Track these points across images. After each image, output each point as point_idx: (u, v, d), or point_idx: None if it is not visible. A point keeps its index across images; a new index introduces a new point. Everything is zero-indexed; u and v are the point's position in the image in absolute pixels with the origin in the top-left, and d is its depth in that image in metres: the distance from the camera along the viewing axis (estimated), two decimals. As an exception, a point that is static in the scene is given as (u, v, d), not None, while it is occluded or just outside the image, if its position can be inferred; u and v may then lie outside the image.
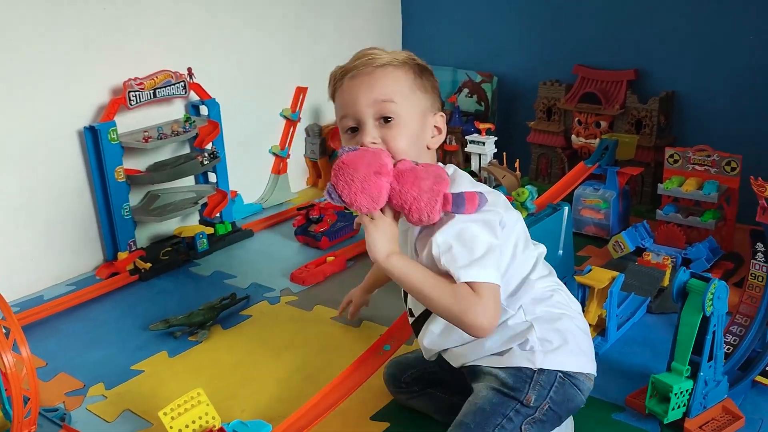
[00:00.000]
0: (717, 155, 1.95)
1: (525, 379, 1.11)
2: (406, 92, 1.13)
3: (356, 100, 1.12)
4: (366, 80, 1.12)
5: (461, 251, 1.03)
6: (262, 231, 2.36)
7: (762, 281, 1.49)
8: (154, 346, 1.66)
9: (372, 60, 1.13)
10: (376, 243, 1.07)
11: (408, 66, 1.15)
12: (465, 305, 1.01)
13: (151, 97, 2.04)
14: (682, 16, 2.28)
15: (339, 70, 1.17)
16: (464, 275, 1.02)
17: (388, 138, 1.11)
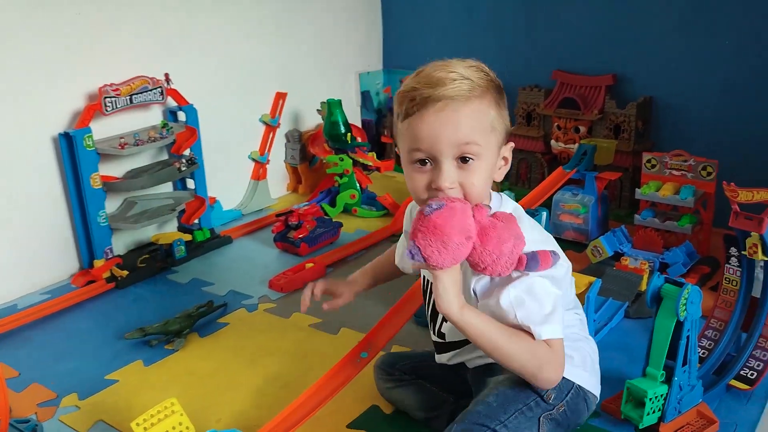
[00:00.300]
0: (693, 160, 1.97)
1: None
2: (488, 129, 1.06)
3: (438, 140, 1.03)
4: (452, 118, 1.02)
5: (534, 307, 1.04)
6: (241, 238, 2.35)
7: (736, 286, 1.49)
8: (130, 355, 1.64)
9: (457, 89, 1.03)
10: (449, 296, 1.01)
11: (491, 92, 1.07)
12: (542, 362, 1.05)
13: (128, 103, 2.02)
14: (659, 22, 2.30)
15: (416, 94, 1.04)
16: (542, 333, 1.03)
17: (465, 181, 1.05)
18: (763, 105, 2.15)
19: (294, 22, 2.67)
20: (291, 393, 1.44)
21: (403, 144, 1.08)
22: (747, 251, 1.43)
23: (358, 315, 1.78)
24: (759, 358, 1.43)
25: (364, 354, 1.46)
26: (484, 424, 1.07)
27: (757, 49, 2.12)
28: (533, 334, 1.04)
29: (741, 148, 2.18)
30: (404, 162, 1.09)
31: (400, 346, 1.63)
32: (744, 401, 1.39)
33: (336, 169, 2.52)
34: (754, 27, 2.12)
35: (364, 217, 2.52)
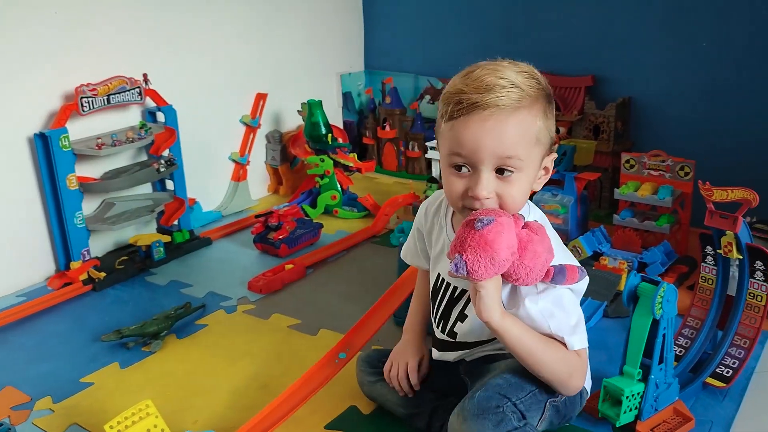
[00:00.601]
0: (671, 160, 1.98)
1: None
2: (533, 141, 1.04)
3: (479, 147, 1.01)
4: (496, 128, 1.01)
5: (563, 318, 1.08)
6: (221, 239, 2.33)
7: (712, 284, 1.51)
8: (106, 357, 1.62)
9: (506, 98, 1.00)
10: (492, 303, 1.03)
11: (540, 102, 1.05)
12: (572, 370, 1.11)
13: (105, 103, 2.00)
14: (638, 24, 2.31)
15: (464, 98, 1.02)
16: (574, 343, 1.08)
17: (504, 192, 1.04)
18: (739, 106, 2.17)
19: (275, 23, 2.66)
20: (269, 394, 1.44)
21: (443, 145, 1.08)
22: (722, 250, 1.44)
23: (337, 316, 1.77)
24: (734, 356, 1.44)
25: (342, 355, 1.46)
26: (506, 395, 1.08)
27: (734, 51, 2.15)
28: (566, 344, 1.08)
29: (718, 149, 2.20)
30: (443, 163, 1.09)
31: (379, 346, 1.62)
32: (720, 399, 1.39)
33: (317, 170, 2.51)
34: (730, 29, 2.14)
35: (345, 218, 2.51)
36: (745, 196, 1.37)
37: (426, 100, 2.92)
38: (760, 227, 1.82)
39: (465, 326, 1.21)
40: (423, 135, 2.81)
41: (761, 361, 1.52)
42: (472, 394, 1.10)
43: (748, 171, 2.10)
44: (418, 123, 2.83)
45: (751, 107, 2.15)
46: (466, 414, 1.06)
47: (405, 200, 2.43)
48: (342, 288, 1.96)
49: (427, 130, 2.82)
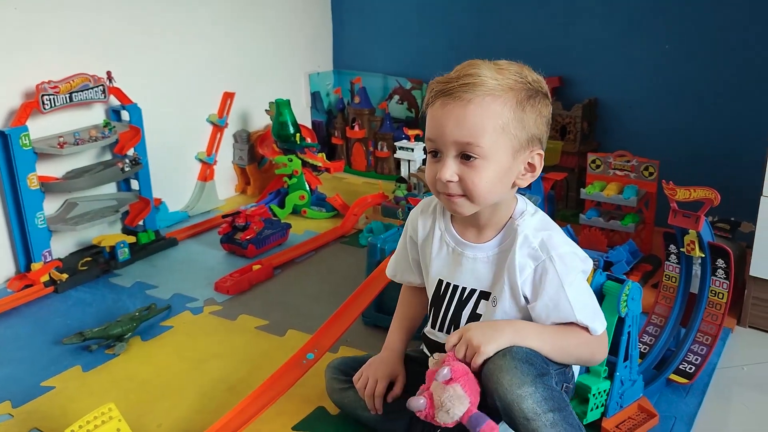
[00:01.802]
0: (636, 160, 2.01)
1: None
2: (499, 130, 1.04)
3: (442, 132, 1.06)
4: (457, 113, 1.04)
5: (586, 306, 1.11)
6: (187, 240, 2.30)
7: (675, 282, 1.53)
8: (68, 360, 1.58)
9: (470, 85, 1.03)
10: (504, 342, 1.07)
11: (512, 94, 1.06)
12: (593, 350, 1.14)
13: (67, 101, 1.96)
14: (604, 25, 2.35)
15: (436, 86, 1.07)
16: (597, 328, 1.11)
17: (466, 178, 1.06)
18: (701, 107, 2.21)
19: (243, 21, 2.64)
20: (236, 396, 1.42)
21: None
22: (685, 248, 1.46)
23: (305, 317, 1.76)
24: (697, 353, 1.46)
25: (310, 355, 1.44)
26: (545, 361, 1.09)
27: (695, 54, 2.19)
28: (589, 330, 1.11)
29: (681, 149, 2.24)
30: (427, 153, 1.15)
31: (348, 346, 1.62)
32: (683, 395, 1.42)
33: (285, 169, 2.49)
34: (692, 33, 2.18)
35: (313, 218, 2.49)
36: (707, 196, 1.39)
37: (395, 100, 2.92)
38: (721, 226, 1.85)
39: None
40: (392, 135, 2.81)
41: (723, 358, 1.55)
42: (519, 347, 1.07)
43: (710, 171, 2.14)
44: (387, 123, 2.83)
45: (713, 109, 2.19)
46: (515, 355, 1.04)
47: (374, 200, 2.42)
48: (310, 288, 1.95)
49: (396, 130, 2.82)
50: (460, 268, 1.19)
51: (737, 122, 2.15)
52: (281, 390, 1.37)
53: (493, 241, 1.16)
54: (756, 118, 2.10)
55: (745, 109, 2.13)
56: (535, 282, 1.11)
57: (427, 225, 1.25)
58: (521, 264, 1.11)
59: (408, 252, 1.31)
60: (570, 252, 1.12)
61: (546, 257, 1.10)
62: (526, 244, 1.11)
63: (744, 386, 1.47)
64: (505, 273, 1.13)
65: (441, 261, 1.22)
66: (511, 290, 1.13)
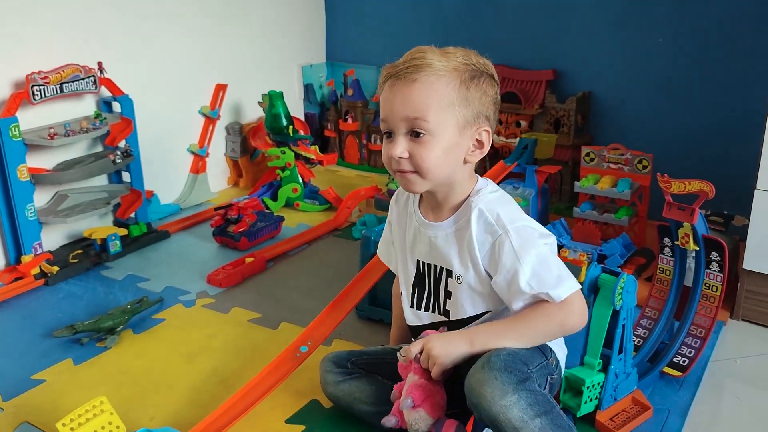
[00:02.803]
0: (630, 153, 2.00)
1: (548, 347, 1.19)
2: (443, 106, 1.10)
3: (391, 111, 1.12)
4: (403, 92, 1.10)
5: (547, 275, 1.12)
6: (179, 232, 2.29)
7: (669, 275, 1.53)
8: (58, 353, 1.57)
9: (416, 67, 1.09)
10: (457, 352, 1.13)
11: (456, 74, 1.11)
12: (559, 319, 1.12)
13: (58, 92, 1.94)
14: (598, 19, 2.34)
15: (387, 70, 1.13)
16: (560, 294, 1.10)
17: (416, 154, 1.12)
18: (694, 100, 2.21)
19: (236, 12, 2.62)
20: (228, 389, 1.41)
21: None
22: (679, 241, 1.46)
23: (298, 310, 1.75)
24: (691, 346, 1.46)
25: (303, 348, 1.44)
26: (525, 362, 1.10)
27: (689, 47, 2.18)
28: (550, 299, 1.11)
29: (675, 142, 2.24)
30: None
31: (342, 339, 1.61)
32: (676, 387, 1.42)
33: (278, 162, 2.48)
34: (685, 26, 2.17)
35: (306, 211, 2.48)
36: (702, 188, 1.39)
37: (388, 93, 2.91)
38: (715, 219, 1.85)
39: (453, 302, 1.23)
40: (385, 128, 2.79)
41: (717, 351, 1.55)
42: (498, 352, 1.09)
43: (703, 164, 2.15)
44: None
45: (706, 102, 2.19)
46: (492, 365, 1.06)
47: (367, 193, 2.41)
48: (303, 281, 1.94)
49: (389, 122, 2.80)
50: (428, 247, 1.23)
51: (730, 116, 2.15)
52: (274, 383, 1.36)
53: (449, 219, 1.20)
54: (749, 111, 2.09)
55: (739, 103, 2.13)
56: (494, 257, 1.14)
57: (401, 207, 1.32)
58: (479, 240, 1.15)
59: (393, 237, 1.36)
60: (525, 225, 1.15)
61: (502, 231, 1.13)
62: (481, 219, 1.15)
63: (737, 379, 1.47)
64: (465, 250, 1.17)
65: (414, 242, 1.27)
66: (474, 266, 1.17)
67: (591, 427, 1.29)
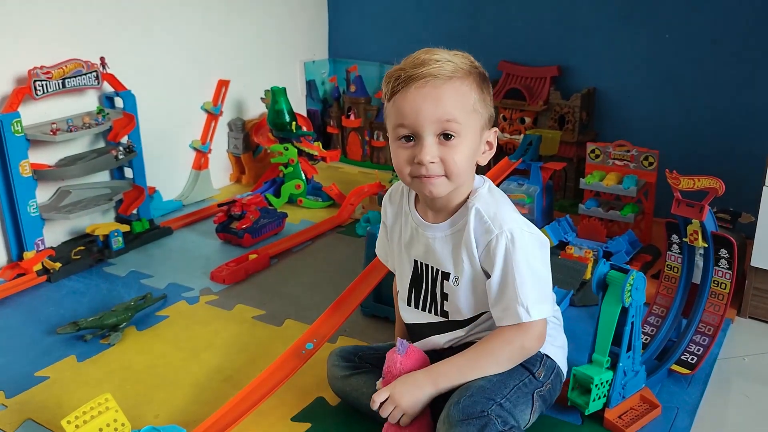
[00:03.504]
0: (636, 150, 1.99)
1: (536, 357, 1.20)
2: (469, 109, 1.11)
3: (419, 114, 1.08)
4: (433, 94, 1.08)
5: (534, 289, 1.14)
6: (182, 229, 2.27)
7: (677, 272, 1.52)
8: (62, 350, 1.56)
9: (439, 69, 1.08)
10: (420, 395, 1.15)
11: (473, 77, 1.12)
12: (518, 344, 1.15)
13: (60, 87, 1.93)
14: (603, 15, 2.32)
15: (402, 73, 1.10)
16: (532, 314, 1.13)
17: (447, 157, 1.10)
18: (701, 96, 2.20)
19: (238, 7, 2.60)
20: (233, 387, 1.40)
21: (389, 122, 1.14)
22: (688, 238, 1.45)
23: (303, 306, 1.74)
24: (699, 343, 1.45)
25: (309, 345, 1.43)
26: (491, 397, 1.11)
27: (695, 43, 2.17)
28: (520, 314, 1.12)
29: (681, 139, 2.23)
30: (391, 140, 1.15)
31: (347, 336, 1.60)
32: (685, 385, 1.41)
33: (280, 158, 2.46)
34: (692, 21, 2.16)
35: (309, 207, 2.47)
36: (712, 185, 1.38)
37: (391, 89, 2.89)
38: (722, 216, 1.84)
39: (451, 303, 1.23)
40: (388, 124, 2.78)
41: (724, 348, 1.54)
42: (458, 400, 1.11)
43: (710, 161, 2.13)
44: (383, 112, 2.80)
45: (713, 98, 2.18)
46: (451, 420, 1.08)
47: (370, 190, 2.40)
48: (307, 278, 1.93)
49: (392, 119, 2.79)
50: (425, 248, 1.23)
51: (737, 112, 2.14)
52: (279, 381, 1.35)
53: (449, 220, 1.20)
54: (756, 108, 2.09)
55: (745, 99, 2.12)
56: (489, 255, 1.14)
57: (395, 208, 1.30)
58: (477, 238, 1.15)
59: (387, 238, 1.35)
60: (523, 230, 1.15)
61: (498, 231, 1.13)
62: (478, 218, 1.15)
63: (745, 377, 1.46)
64: (463, 249, 1.17)
65: (411, 242, 1.26)
66: (472, 266, 1.17)
67: (599, 425, 1.28)
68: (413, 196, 1.26)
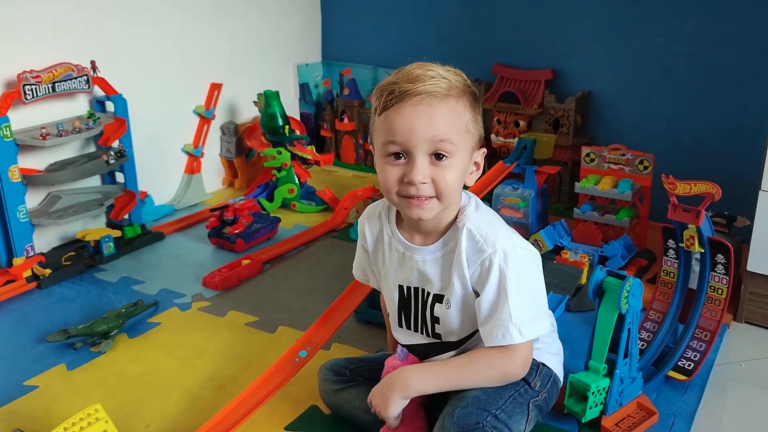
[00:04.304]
0: (631, 154, 1.99)
1: (532, 366, 1.18)
2: (463, 129, 1.08)
3: (413, 132, 1.05)
4: (428, 112, 1.04)
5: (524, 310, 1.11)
6: (174, 234, 2.25)
7: (673, 277, 1.51)
8: (51, 359, 1.53)
9: (435, 86, 1.05)
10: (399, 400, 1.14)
11: (466, 96, 1.09)
12: (502, 368, 1.14)
13: (50, 91, 1.91)
14: (597, 17, 2.32)
15: (395, 88, 1.05)
16: (525, 335, 1.11)
17: (438, 177, 1.07)
18: (696, 100, 2.19)
19: (231, 10, 2.58)
20: (226, 395, 1.39)
21: (378, 137, 1.09)
22: (684, 243, 1.44)
23: (296, 313, 1.73)
24: (696, 349, 1.44)
25: (303, 353, 1.41)
26: (485, 408, 1.10)
27: (690, 46, 2.17)
28: (513, 335, 1.10)
29: (676, 142, 2.23)
30: (378, 156, 1.11)
31: (341, 343, 1.59)
32: (682, 392, 1.40)
33: (274, 162, 2.44)
34: (687, 25, 2.16)
35: (303, 212, 2.45)
36: (709, 190, 1.37)
37: (385, 93, 2.88)
38: (718, 221, 1.83)
39: (443, 326, 1.20)
40: (382, 128, 2.77)
41: (721, 354, 1.53)
42: (453, 410, 1.10)
43: (705, 165, 2.13)
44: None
45: (708, 101, 2.17)
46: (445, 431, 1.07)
47: (364, 194, 2.38)
48: (301, 284, 1.91)
49: (386, 122, 2.78)
50: (413, 272, 1.19)
51: (733, 116, 2.13)
52: (273, 389, 1.33)
53: (439, 242, 1.17)
54: (751, 111, 2.09)
55: (741, 103, 2.11)
56: (482, 275, 1.12)
57: (375, 232, 1.26)
58: (469, 259, 1.13)
59: (364, 262, 1.32)
60: (516, 246, 1.12)
61: (491, 251, 1.11)
62: (470, 237, 1.13)
63: (742, 383, 1.45)
64: (454, 271, 1.14)
65: (395, 266, 1.22)
66: (463, 288, 1.14)
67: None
68: (393, 217, 1.22)
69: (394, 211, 1.22)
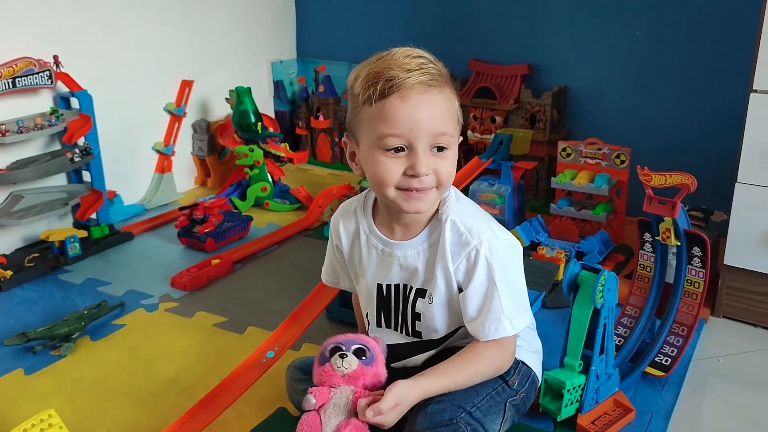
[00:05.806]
0: (607, 148, 1.96)
1: (512, 365, 1.16)
2: (456, 119, 1.07)
3: (416, 125, 1.01)
4: (432, 104, 1.02)
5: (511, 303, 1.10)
6: (144, 234, 2.19)
7: (650, 271, 1.48)
8: (8, 363, 1.47)
9: (433, 76, 1.02)
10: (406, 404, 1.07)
11: (449, 82, 1.07)
12: (497, 362, 1.13)
13: (9, 86, 1.84)
14: (573, 12, 2.29)
15: (393, 74, 1.00)
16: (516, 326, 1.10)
17: (440, 168, 1.05)
18: (672, 93, 2.18)
19: (203, 5, 2.53)
20: (191, 398, 1.33)
21: (370, 130, 1.03)
22: (660, 236, 1.41)
23: (266, 313, 1.68)
24: (673, 344, 1.42)
25: (270, 353, 1.36)
26: (461, 406, 1.07)
27: (666, 40, 2.15)
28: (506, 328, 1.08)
29: (652, 136, 2.21)
30: (369, 149, 1.05)
31: (311, 343, 1.54)
32: (659, 388, 1.37)
33: (246, 160, 2.39)
34: (662, 18, 2.14)
35: (276, 210, 2.40)
36: (684, 181, 1.34)
37: (360, 90, 2.84)
38: (695, 214, 1.81)
39: (424, 323, 1.17)
40: (358, 125, 2.73)
41: (699, 349, 1.51)
42: (426, 406, 1.06)
43: (681, 159, 2.11)
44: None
45: (684, 95, 2.16)
46: (418, 428, 1.04)
47: (339, 192, 2.34)
48: (272, 283, 1.86)
49: (361, 119, 2.74)
50: (393, 268, 1.15)
51: (709, 110, 2.12)
52: (239, 391, 1.29)
53: (421, 235, 1.13)
54: (727, 104, 2.07)
55: (717, 96, 2.10)
56: (468, 268, 1.09)
57: (350, 230, 1.21)
58: (453, 251, 1.09)
59: (338, 262, 1.28)
60: (498, 238, 1.10)
61: (476, 242, 1.08)
62: (454, 230, 1.10)
63: (720, 378, 1.42)
64: (437, 264, 1.11)
65: (373, 264, 1.18)
66: (446, 282, 1.11)
67: (572, 431, 1.24)
68: (370, 213, 1.18)
69: (370, 207, 1.18)
